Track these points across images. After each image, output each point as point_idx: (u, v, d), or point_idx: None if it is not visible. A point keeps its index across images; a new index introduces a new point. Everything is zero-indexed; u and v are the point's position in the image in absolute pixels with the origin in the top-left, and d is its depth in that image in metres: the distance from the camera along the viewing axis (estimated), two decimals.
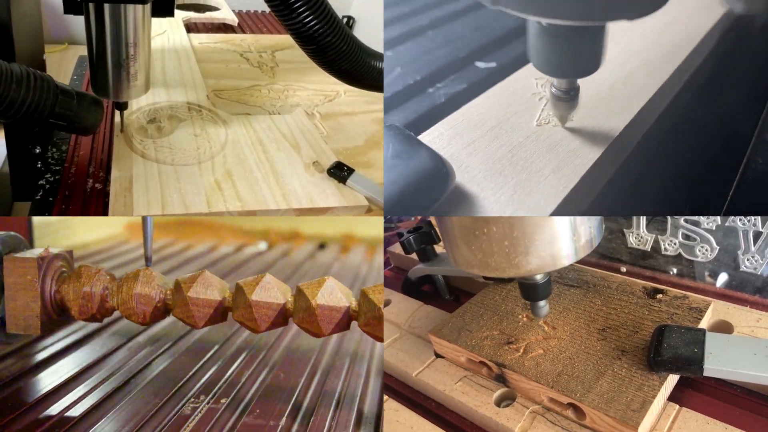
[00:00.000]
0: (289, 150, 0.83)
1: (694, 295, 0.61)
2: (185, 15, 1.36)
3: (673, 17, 0.77)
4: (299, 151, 0.83)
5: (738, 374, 0.48)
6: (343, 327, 0.53)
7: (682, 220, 0.67)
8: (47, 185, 0.73)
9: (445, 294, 0.77)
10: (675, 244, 0.69)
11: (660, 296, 0.62)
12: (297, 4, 0.65)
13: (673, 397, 0.51)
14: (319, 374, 0.63)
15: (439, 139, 0.58)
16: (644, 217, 0.70)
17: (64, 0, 0.68)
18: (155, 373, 0.63)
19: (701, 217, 0.65)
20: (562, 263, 0.49)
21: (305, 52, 0.72)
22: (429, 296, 0.77)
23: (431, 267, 0.74)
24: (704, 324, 0.58)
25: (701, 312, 0.58)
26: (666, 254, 0.70)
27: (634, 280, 0.66)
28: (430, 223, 0.72)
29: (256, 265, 1.09)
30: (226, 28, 1.38)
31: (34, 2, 0.75)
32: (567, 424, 0.50)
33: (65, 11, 0.68)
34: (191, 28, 1.34)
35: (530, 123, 0.60)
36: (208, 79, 1.04)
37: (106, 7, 0.66)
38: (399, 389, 0.60)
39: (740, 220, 0.63)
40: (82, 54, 1.11)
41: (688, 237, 0.68)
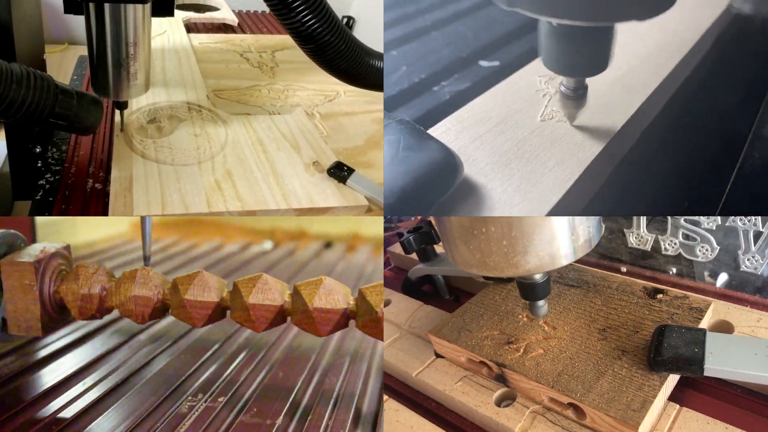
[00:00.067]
0: (289, 150, 0.83)
1: (694, 295, 0.61)
2: (185, 15, 1.36)
3: (671, 16, 0.77)
4: (299, 151, 0.83)
5: (738, 374, 0.48)
6: (341, 327, 0.53)
7: (683, 220, 0.67)
8: (47, 185, 0.73)
9: (445, 294, 0.77)
10: (675, 244, 0.69)
11: (660, 296, 0.61)
12: (295, 3, 0.65)
13: (674, 397, 0.51)
14: (319, 373, 0.62)
15: (446, 134, 0.59)
16: (644, 217, 0.70)
17: (65, 0, 0.68)
18: (154, 372, 0.62)
19: (701, 217, 0.65)
20: (561, 263, 0.49)
21: (304, 52, 0.72)
22: (429, 296, 0.77)
23: (431, 267, 0.74)
24: (704, 324, 0.58)
25: (702, 312, 0.58)
26: (666, 254, 0.70)
27: (635, 280, 0.66)
28: (430, 223, 0.72)
29: (261, 263, 1.09)
30: (226, 28, 1.39)
31: (35, 2, 0.75)
32: (567, 424, 0.49)
33: (65, 11, 0.68)
34: (191, 28, 1.34)
35: (534, 118, 0.61)
36: (208, 79, 1.04)
37: (106, 6, 0.66)
38: (399, 389, 0.60)
39: (740, 220, 0.63)
40: (82, 54, 1.11)
41: (688, 237, 0.68)
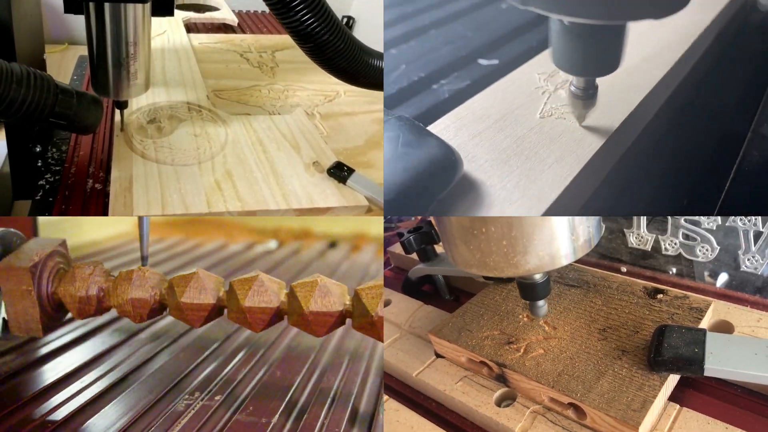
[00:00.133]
0: (289, 150, 0.83)
1: (694, 295, 0.61)
2: (185, 15, 1.36)
3: None
4: (299, 151, 0.83)
5: (738, 374, 0.48)
6: (338, 326, 0.53)
7: (683, 220, 0.67)
8: (47, 185, 0.73)
9: (446, 294, 0.77)
10: (675, 244, 0.69)
11: (660, 296, 0.61)
12: (294, 3, 0.65)
13: (674, 397, 0.51)
14: (318, 372, 0.63)
15: (446, 130, 0.59)
16: (644, 217, 0.70)
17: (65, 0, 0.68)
18: (153, 370, 0.63)
19: (701, 217, 0.66)
20: (561, 263, 0.49)
21: (303, 51, 0.72)
22: (429, 296, 0.77)
23: (431, 267, 0.74)
24: (705, 324, 0.58)
25: (702, 312, 0.58)
26: (666, 254, 0.70)
27: (635, 280, 0.66)
28: (430, 223, 0.72)
29: (266, 263, 1.09)
30: (226, 28, 1.38)
31: (35, 2, 0.75)
32: (567, 424, 0.49)
33: (66, 10, 0.68)
34: (191, 28, 1.34)
35: (534, 115, 0.61)
36: (208, 79, 1.04)
37: (106, 6, 0.66)
38: (399, 389, 0.60)
39: (741, 220, 0.63)
40: (82, 54, 1.11)
41: (688, 237, 0.68)
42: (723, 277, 0.67)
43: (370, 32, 0.99)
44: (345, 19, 1.48)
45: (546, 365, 0.53)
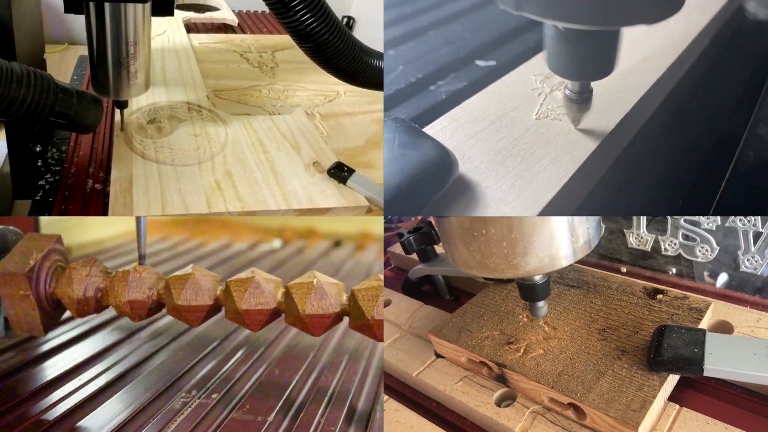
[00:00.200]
0: (289, 150, 0.83)
1: (694, 295, 0.61)
2: (185, 15, 1.36)
3: None
4: (299, 151, 0.83)
5: (738, 374, 0.48)
6: (336, 324, 0.53)
7: (682, 220, 0.67)
8: (47, 185, 0.73)
9: (446, 294, 0.77)
10: (675, 244, 0.69)
11: (660, 296, 0.62)
12: (294, 3, 0.65)
13: (674, 397, 0.51)
14: (316, 371, 0.62)
15: (442, 132, 0.59)
16: (644, 217, 0.70)
17: None
18: (151, 368, 0.63)
19: (701, 217, 0.66)
20: (561, 264, 0.49)
21: (303, 50, 0.72)
22: (429, 296, 0.77)
23: (431, 267, 0.74)
24: (704, 324, 0.58)
25: (701, 312, 0.58)
26: (666, 254, 0.70)
27: (635, 280, 0.66)
28: (430, 224, 0.72)
29: (270, 262, 1.09)
30: (226, 28, 1.39)
31: (35, 2, 0.75)
32: (567, 424, 0.50)
33: (66, 10, 0.68)
34: (191, 28, 1.34)
35: (530, 117, 0.62)
36: (208, 79, 1.04)
37: (106, 5, 0.66)
38: (399, 389, 0.60)
39: (740, 220, 0.63)
40: (82, 54, 1.11)
41: (688, 237, 0.68)
42: (723, 278, 0.67)
43: (370, 32, 0.99)
44: (345, 19, 1.48)
45: (546, 365, 0.53)
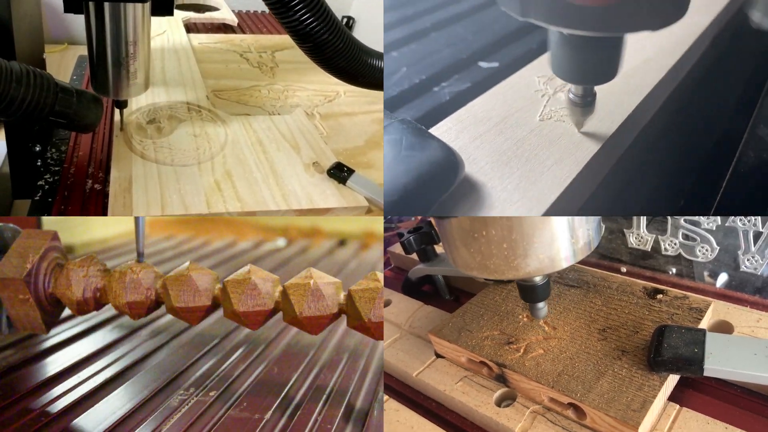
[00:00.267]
0: (289, 150, 0.83)
1: (694, 295, 0.61)
2: (185, 15, 1.36)
3: None
4: (299, 151, 0.82)
5: (738, 374, 0.48)
6: (334, 321, 0.53)
7: (682, 220, 0.67)
8: (46, 186, 0.73)
9: (446, 294, 0.77)
10: (675, 244, 0.69)
11: (660, 296, 0.61)
12: (294, 2, 0.65)
13: (674, 397, 0.51)
14: (316, 369, 0.62)
15: (447, 133, 0.60)
16: (644, 217, 0.70)
17: None
18: (150, 366, 0.63)
19: (701, 217, 0.66)
20: (561, 265, 0.49)
21: (302, 50, 0.72)
22: (429, 296, 0.77)
23: (431, 267, 0.74)
24: (704, 324, 0.58)
25: (701, 312, 0.58)
26: (666, 254, 0.70)
27: (635, 280, 0.66)
28: (430, 223, 0.72)
29: (274, 261, 1.09)
30: (225, 28, 1.38)
31: (35, 2, 0.75)
32: (567, 424, 0.49)
33: (65, 10, 0.68)
34: (191, 28, 1.34)
35: (534, 118, 0.62)
36: (207, 80, 1.04)
37: (106, 5, 0.66)
38: (399, 389, 0.60)
39: (740, 220, 0.63)
40: (82, 54, 1.11)
41: (688, 237, 0.68)
42: (723, 278, 0.67)
43: (370, 32, 0.99)
44: (345, 20, 1.48)
45: (546, 365, 0.53)
